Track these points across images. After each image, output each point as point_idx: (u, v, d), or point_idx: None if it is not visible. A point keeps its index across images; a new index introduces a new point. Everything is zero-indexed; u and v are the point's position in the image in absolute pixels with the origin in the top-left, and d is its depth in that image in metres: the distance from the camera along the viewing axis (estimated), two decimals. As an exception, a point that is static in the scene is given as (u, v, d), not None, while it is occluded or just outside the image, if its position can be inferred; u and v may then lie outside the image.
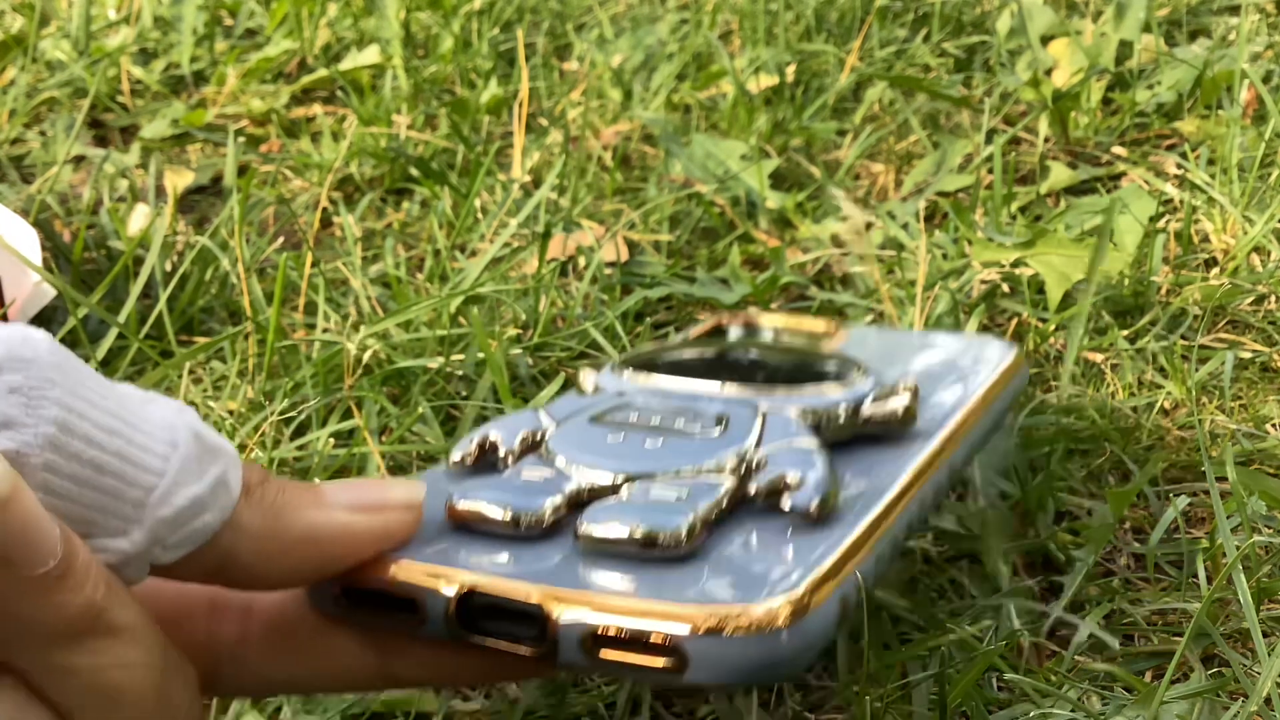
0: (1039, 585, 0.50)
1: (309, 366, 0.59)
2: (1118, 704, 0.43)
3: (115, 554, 0.28)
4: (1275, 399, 0.58)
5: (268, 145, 0.88)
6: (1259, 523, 0.50)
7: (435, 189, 0.78)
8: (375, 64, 0.94)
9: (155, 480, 0.28)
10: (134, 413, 0.28)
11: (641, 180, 0.82)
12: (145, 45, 1.00)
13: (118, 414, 0.28)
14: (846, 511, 0.35)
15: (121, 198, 0.80)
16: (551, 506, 0.34)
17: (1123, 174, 0.77)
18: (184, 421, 0.29)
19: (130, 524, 0.28)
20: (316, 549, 0.31)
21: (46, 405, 0.27)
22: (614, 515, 0.33)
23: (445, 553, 0.33)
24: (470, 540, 0.34)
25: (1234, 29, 0.89)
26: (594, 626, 0.31)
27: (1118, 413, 0.58)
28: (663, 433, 0.37)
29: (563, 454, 0.36)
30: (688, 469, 0.36)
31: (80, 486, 0.27)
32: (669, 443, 0.37)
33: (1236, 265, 0.66)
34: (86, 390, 0.27)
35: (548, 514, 0.34)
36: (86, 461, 0.27)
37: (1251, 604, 0.44)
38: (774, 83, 0.89)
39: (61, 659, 0.27)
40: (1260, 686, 0.41)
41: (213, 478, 0.29)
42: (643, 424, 0.38)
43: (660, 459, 0.36)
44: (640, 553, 0.32)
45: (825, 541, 0.34)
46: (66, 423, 0.27)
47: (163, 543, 0.28)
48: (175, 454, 0.28)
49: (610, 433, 0.37)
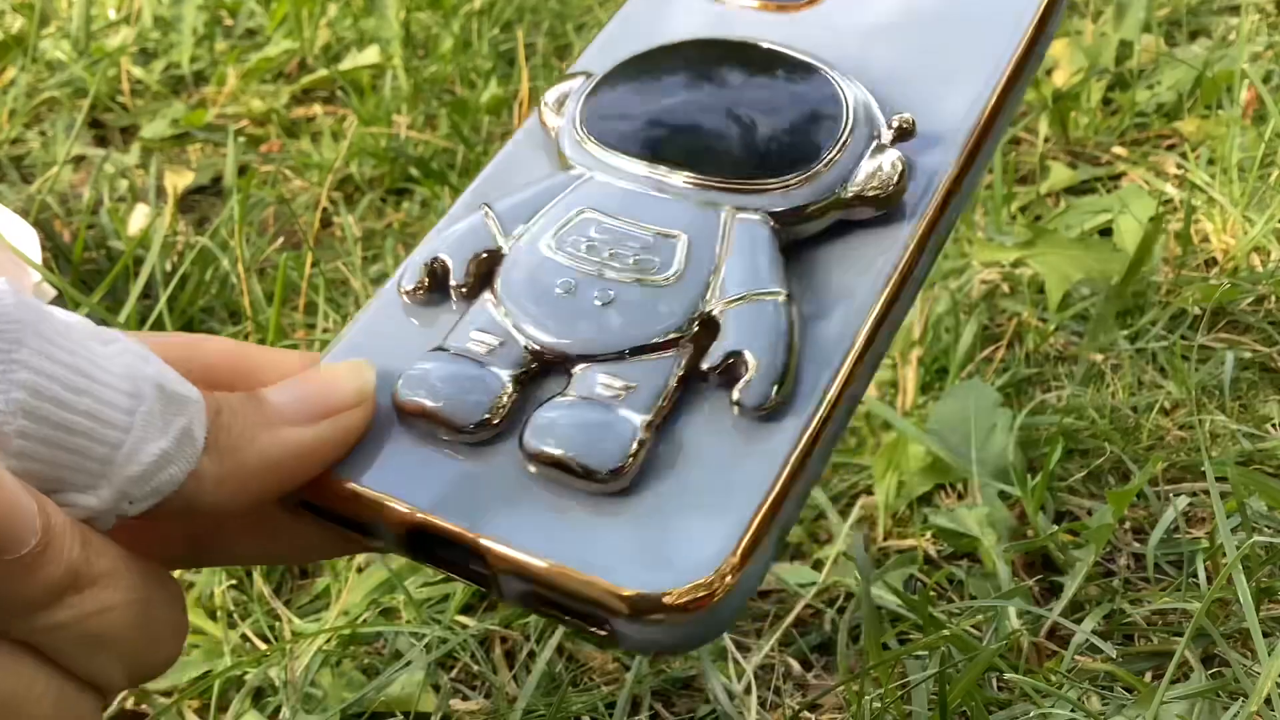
0: (1039, 585, 0.50)
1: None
2: (1118, 704, 0.43)
3: (83, 510, 0.28)
4: (1275, 399, 0.58)
5: (268, 145, 0.88)
6: (1259, 523, 0.50)
7: (435, 189, 0.78)
8: (375, 64, 0.94)
9: (121, 436, 0.28)
10: (98, 365, 0.28)
11: (641, 180, 0.82)
12: (145, 45, 1.00)
13: (84, 370, 0.28)
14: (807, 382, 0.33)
15: (121, 198, 0.80)
16: (498, 401, 0.33)
17: (1123, 174, 0.77)
18: (147, 372, 0.29)
19: (98, 479, 0.28)
20: (275, 476, 0.31)
21: (16, 369, 0.26)
22: (555, 430, 0.32)
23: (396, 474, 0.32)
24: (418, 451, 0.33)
25: (1234, 29, 0.89)
26: (528, 588, 0.31)
27: (1118, 413, 0.58)
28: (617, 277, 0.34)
29: (512, 302, 0.34)
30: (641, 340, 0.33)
31: (50, 448, 0.27)
32: (622, 301, 0.34)
33: (1236, 265, 0.66)
34: (53, 347, 0.27)
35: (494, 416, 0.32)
36: (56, 424, 0.27)
37: (1251, 604, 0.44)
38: (774, 83, 0.89)
39: (46, 620, 0.27)
40: (1260, 686, 0.41)
41: (178, 430, 0.29)
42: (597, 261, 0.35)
43: (612, 331, 0.33)
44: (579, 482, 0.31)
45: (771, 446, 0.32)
46: (36, 386, 0.27)
47: (130, 497, 0.28)
48: (140, 409, 0.28)
49: (561, 276, 0.35)
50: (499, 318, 0.34)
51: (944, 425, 0.56)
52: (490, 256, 0.36)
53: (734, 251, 0.35)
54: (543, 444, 0.32)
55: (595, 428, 0.32)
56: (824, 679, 0.47)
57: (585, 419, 0.32)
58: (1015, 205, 0.74)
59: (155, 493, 0.28)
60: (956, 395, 0.57)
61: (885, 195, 0.35)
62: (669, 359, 0.33)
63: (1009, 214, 0.73)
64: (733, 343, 0.33)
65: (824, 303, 0.34)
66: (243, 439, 0.30)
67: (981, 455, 0.54)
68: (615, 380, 0.33)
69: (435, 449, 0.33)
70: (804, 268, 0.35)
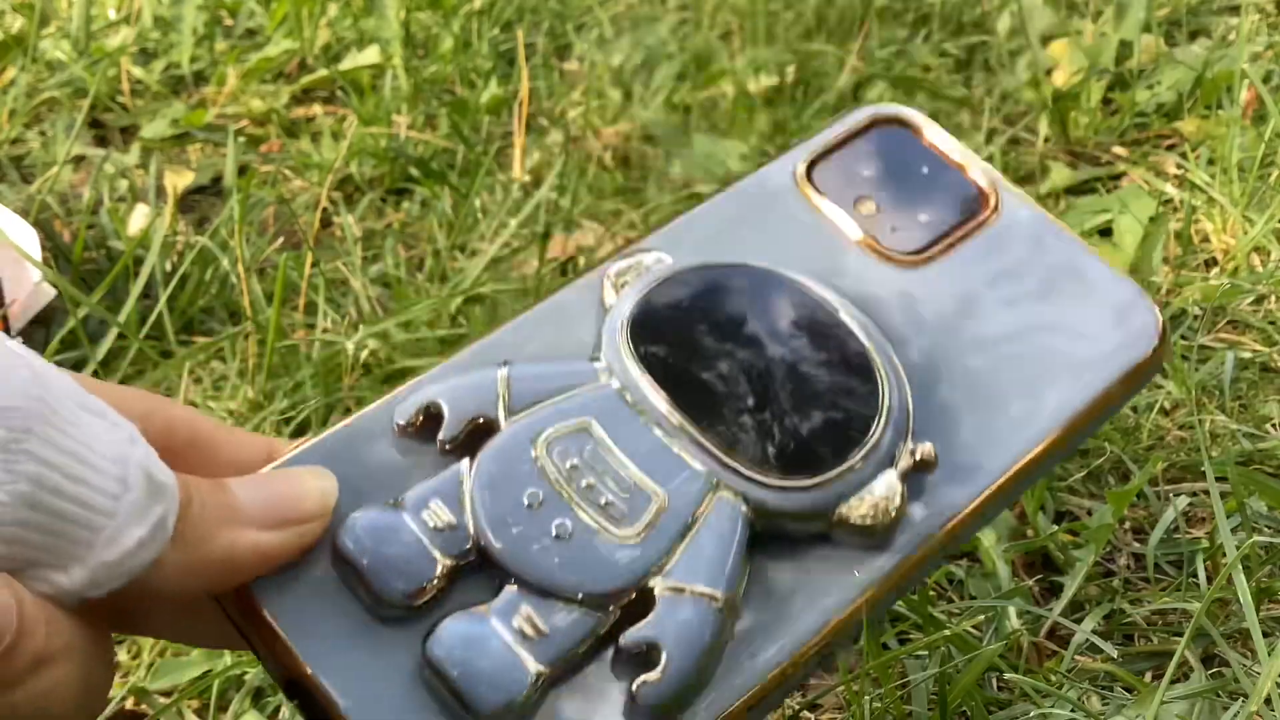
0: (1039, 585, 0.50)
1: (309, 366, 0.59)
2: (1118, 704, 0.43)
3: (53, 587, 0.28)
4: (1275, 399, 0.58)
5: (268, 145, 0.88)
6: (1259, 523, 0.50)
7: (435, 189, 0.78)
8: (375, 64, 0.94)
9: (106, 522, 0.28)
10: (94, 450, 0.28)
11: (641, 180, 0.82)
12: (145, 45, 1.00)
13: (83, 457, 0.28)
14: (719, 684, 0.32)
15: (121, 198, 0.80)
16: (419, 591, 0.33)
17: (1123, 174, 0.77)
18: (136, 457, 0.29)
19: (73, 562, 0.28)
20: (232, 572, 0.31)
21: (23, 460, 0.27)
22: (457, 653, 0.32)
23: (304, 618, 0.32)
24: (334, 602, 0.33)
25: (1234, 29, 0.89)
26: None
27: (1118, 413, 0.58)
28: (581, 513, 0.34)
29: (478, 495, 0.34)
30: (573, 591, 0.33)
31: (39, 533, 0.27)
32: (575, 542, 0.33)
33: (1236, 265, 0.66)
34: (58, 433, 0.28)
35: (415, 600, 0.33)
36: (51, 512, 0.27)
37: (1251, 604, 0.44)
38: (774, 83, 0.89)
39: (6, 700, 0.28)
40: (1260, 686, 0.41)
41: (155, 518, 0.29)
42: (573, 487, 0.34)
43: (553, 568, 0.33)
44: (458, 708, 0.31)
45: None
46: (40, 477, 0.27)
47: (98, 581, 0.28)
48: (126, 496, 0.28)
49: (532, 487, 0.34)
50: (461, 499, 0.34)
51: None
52: (486, 424, 0.35)
53: (699, 534, 0.34)
54: (442, 657, 0.31)
55: (494, 666, 0.31)
56: (824, 679, 0.47)
57: (488, 651, 0.32)
58: (1015, 205, 0.74)
59: (123, 576, 0.29)
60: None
61: (871, 529, 0.34)
62: (593, 619, 0.33)
63: (1009, 214, 0.73)
64: (655, 633, 0.32)
65: (769, 611, 0.33)
66: (209, 533, 0.30)
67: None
68: (536, 620, 0.32)
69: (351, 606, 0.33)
70: (768, 563, 0.34)
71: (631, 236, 0.74)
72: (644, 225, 0.75)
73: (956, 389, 0.36)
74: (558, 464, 0.34)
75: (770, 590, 0.34)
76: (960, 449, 0.35)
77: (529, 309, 0.38)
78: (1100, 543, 0.49)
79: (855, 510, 0.34)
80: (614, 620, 0.33)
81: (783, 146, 0.83)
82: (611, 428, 0.35)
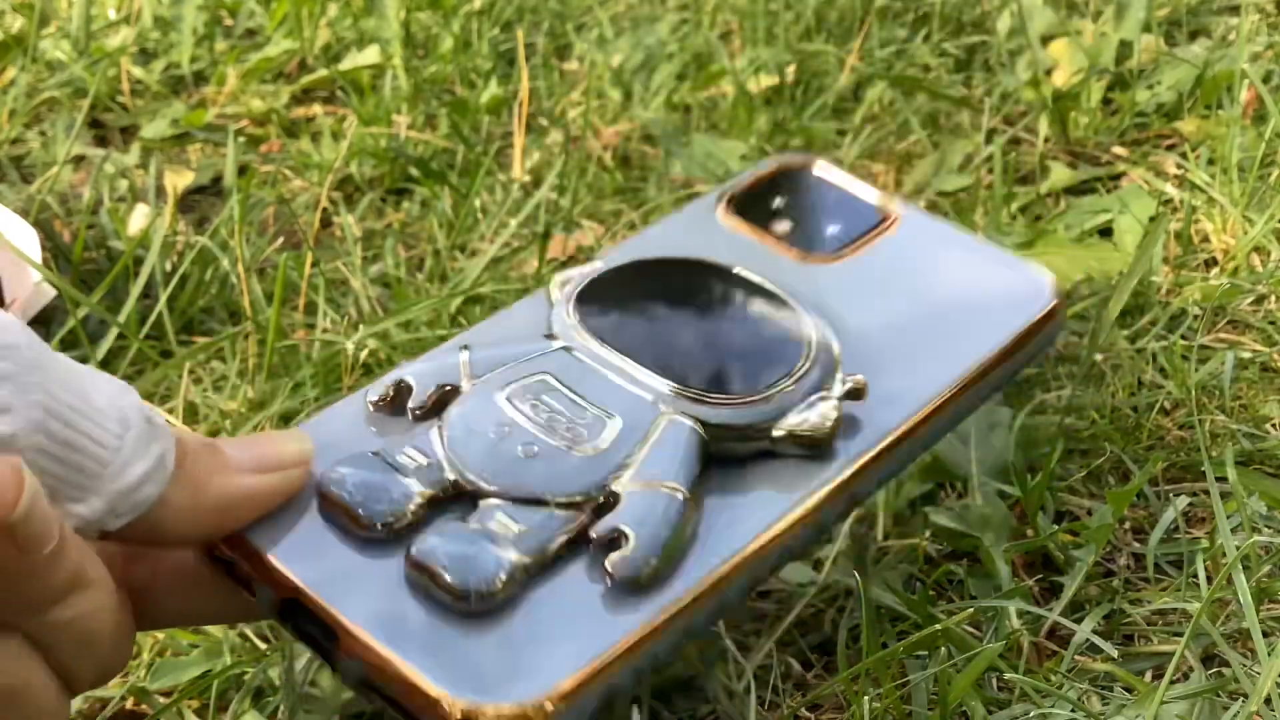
0: (1039, 585, 0.50)
1: (309, 366, 0.59)
2: (1118, 704, 0.43)
3: (76, 519, 0.32)
4: (1275, 399, 0.58)
5: (268, 145, 0.88)
6: (1259, 523, 0.50)
7: (435, 189, 0.78)
8: (375, 64, 0.94)
9: (112, 456, 0.32)
10: (91, 396, 0.32)
11: (641, 180, 0.82)
12: (145, 45, 1.00)
13: (82, 396, 0.32)
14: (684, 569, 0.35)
15: (121, 198, 0.80)
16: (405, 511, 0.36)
17: (1123, 174, 0.77)
18: (131, 403, 0.33)
19: (90, 493, 0.32)
20: (226, 514, 0.35)
21: (34, 390, 0.30)
22: (442, 549, 0.35)
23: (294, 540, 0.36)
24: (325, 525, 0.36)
25: (1234, 29, 0.89)
26: (366, 673, 0.34)
27: (1118, 413, 0.58)
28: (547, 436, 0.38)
29: (448, 437, 0.38)
30: (546, 495, 0.36)
31: (55, 463, 0.31)
32: (546, 457, 0.37)
33: (1236, 265, 0.66)
34: (58, 376, 0.31)
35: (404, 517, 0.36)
36: (62, 441, 0.31)
37: (1251, 604, 0.44)
38: (774, 83, 0.89)
39: (54, 616, 0.32)
40: (1260, 686, 0.41)
41: (156, 455, 0.33)
42: (537, 418, 0.39)
43: (526, 477, 0.37)
44: (450, 600, 0.34)
45: (627, 616, 0.34)
46: (50, 406, 0.30)
47: (115, 511, 0.32)
48: (128, 434, 0.32)
49: (500, 425, 0.38)
50: (435, 442, 0.38)
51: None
52: (451, 390, 0.40)
53: (655, 445, 0.38)
54: (424, 555, 0.35)
55: (473, 555, 0.35)
56: (824, 679, 0.47)
57: (468, 545, 0.35)
58: (1015, 205, 0.74)
59: (135, 508, 0.33)
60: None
61: (813, 440, 0.38)
62: (563, 518, 0.36)
63: (1009, 214, 0.73)
64: (621, 520, 0.36)
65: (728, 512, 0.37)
66: (204, 478, 0.34)
67: (981, 454, 0.54)
68: (511, 522, 0.36)
69: (337, 537, 0.36)
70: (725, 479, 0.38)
71: (630, 236, 0.74)
72: (644, 225, 0.75)
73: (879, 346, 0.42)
74: (520, 406, 0.39)
75: (728, 497, 0.38)
76: (887, 387, 0.40)
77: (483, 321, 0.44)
78: (1100, 543, 0.49)
79: (796, 424, 0.38)
80: (585, 523, 0.36)
81: (782, 146, 0.83)
82: (566, 378, 0.40)
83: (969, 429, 0.55)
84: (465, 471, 0.37)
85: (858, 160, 0.82)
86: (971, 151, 0.80)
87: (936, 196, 0.77)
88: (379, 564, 0.35)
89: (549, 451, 0.38)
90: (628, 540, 0.35)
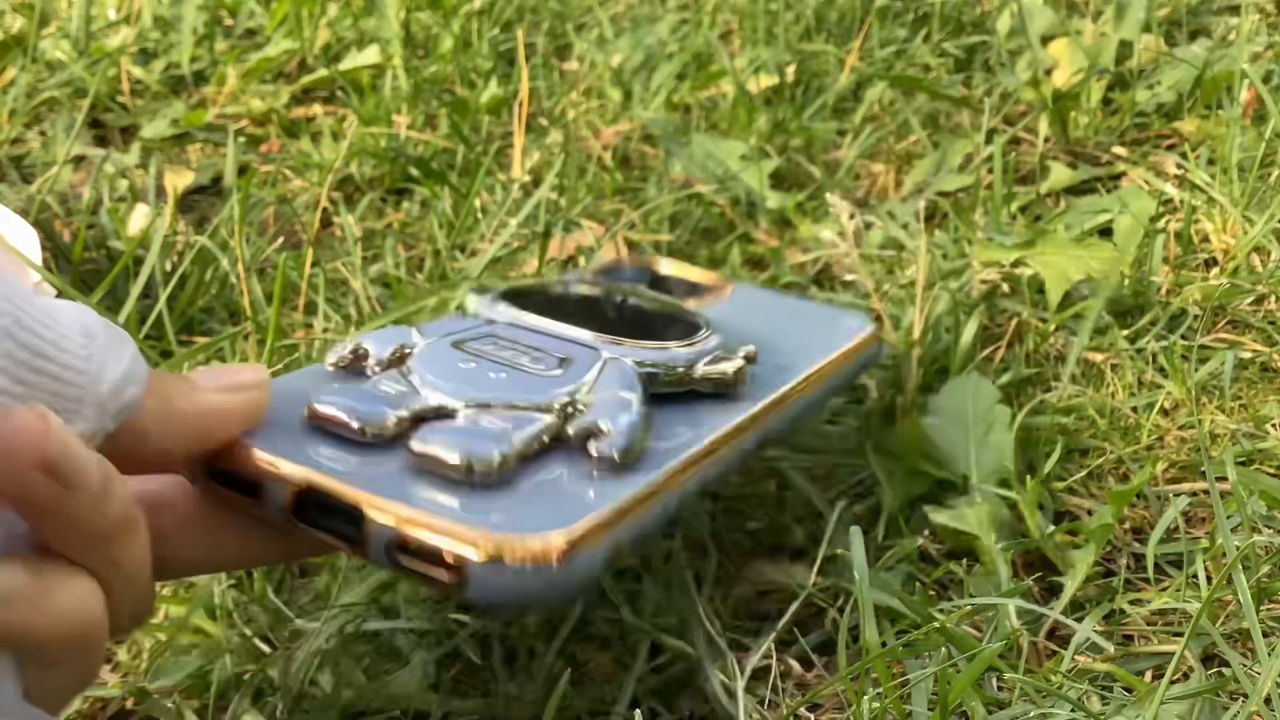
0: (1039, 585, 0.50)
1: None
2: (1118, 704, 0.43)
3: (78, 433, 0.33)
4: (1275, 399, 0.58)
5: (268, 145, 0.88)
6: (1259, 523, 0.50)
7: (435, 189, 0.78)
8: (375, 64, 0.94)
9: (85, 364, 0.33)
10: (55, 310, 0.33)
11: (641, 180, 0.82)
12: (145, 45, 1.00)
13: (48, 312, 0.33)
14: (651, 461, 0.40)
15: (121, 198, 0.80)
16: (395, 419, 0.39)
17: (1123, 174, 0.77)
18: (91, 317, 0.34)
19: (80, 405, 0.33)
20: (198, 424, 0.37)
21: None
22: (440, 437, 0.38)
23: (294, 448, 0.38)
24: (320, 440, 0.39)
25: (1234, 29, 0.89)
26: (397, 535, 0.36)
27: (1118, 413, 0.58)
28: (509, 367, 0.43)
29: (419, 372, 0.42)
30: (520, 402, 0.41)
31: (33, 374, 0.32)
32: (512, 377, 0.42)
33: (1236, 265, 0.66)
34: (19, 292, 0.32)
35: (390, 426, 0.39)
36: (34, 350, 0.32)
37: (1251, 604, 0.44)
38: (774, 83, 0.89)
39: (114, 553, 0.33)
40: (1260, 686, 0.41)
41: (129, 356, 0.34)
42: (495, 355, 0.43)
43: (499, 389, 0.41)
44: (456, 475, 0.37)
45: (616, 489, 0.38)
46: (16, 317, 0.31)
47: (106, 414, 0.33)
48: (94, 341, 0.33)
49: (465, 360, 0.43)
50: (407, 377, 0.42)
51: (943, 422, 0.56)
52: (408, 350, 0.43)
53: (605, 374, 0.43)
54: (423, 444, 0.38)
55: (469, 438, 0.38)
56: (824, 678, 0.47)
57: (463, 433, 0.39)
58: (1015, 205, 0.74)
59: (123, 409, 0.34)
60: (955, 391, 0.57)
61: (725, 382, 0.46)
62: (540, 419, 0.40)
63: (1009, 214, 0.73)
64: (596, 414, 0.40)
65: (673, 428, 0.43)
66: (174, 392, 0.37)
67: (980, 453, 0.54)
68: (496, 420, 0.39)
69: (334, 444, 0.39)
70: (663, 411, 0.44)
71: (631, 236, 0.74)
72: (644, 225, 0.75)
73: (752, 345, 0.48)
74: (478, 349, 0.44)
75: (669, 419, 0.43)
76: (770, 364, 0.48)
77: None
78: (1100, 542, 0.49)
79: (711, 370, 0.46)
80: (559, 424, 0.40)
81: (782, 146, 0.83)
82: (510, 334, 0.46)
83: (968, 426, 0.55)
84: (442, 393, 0.40)
85: (858, 160, 0.82)
86: (971, 151, 0.80)
87: (936, 196, 0.77)
88: (381, 459, 0.38)
89: (515, 374, 0.42)
90: (605, 431, 0.40)
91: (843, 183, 0.80)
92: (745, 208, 0.77)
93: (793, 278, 0.69)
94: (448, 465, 0.37)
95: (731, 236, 0.74)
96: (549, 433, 0.40)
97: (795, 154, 0.83)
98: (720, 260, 0.72)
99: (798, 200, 0.76)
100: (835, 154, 0.84)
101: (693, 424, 0.44)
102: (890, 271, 0.70)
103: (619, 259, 0.62)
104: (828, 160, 0.83)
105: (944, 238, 0.72)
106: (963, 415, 0.56)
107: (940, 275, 0.66)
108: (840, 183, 0.80)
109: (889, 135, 0.84)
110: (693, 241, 0.75)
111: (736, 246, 0.72)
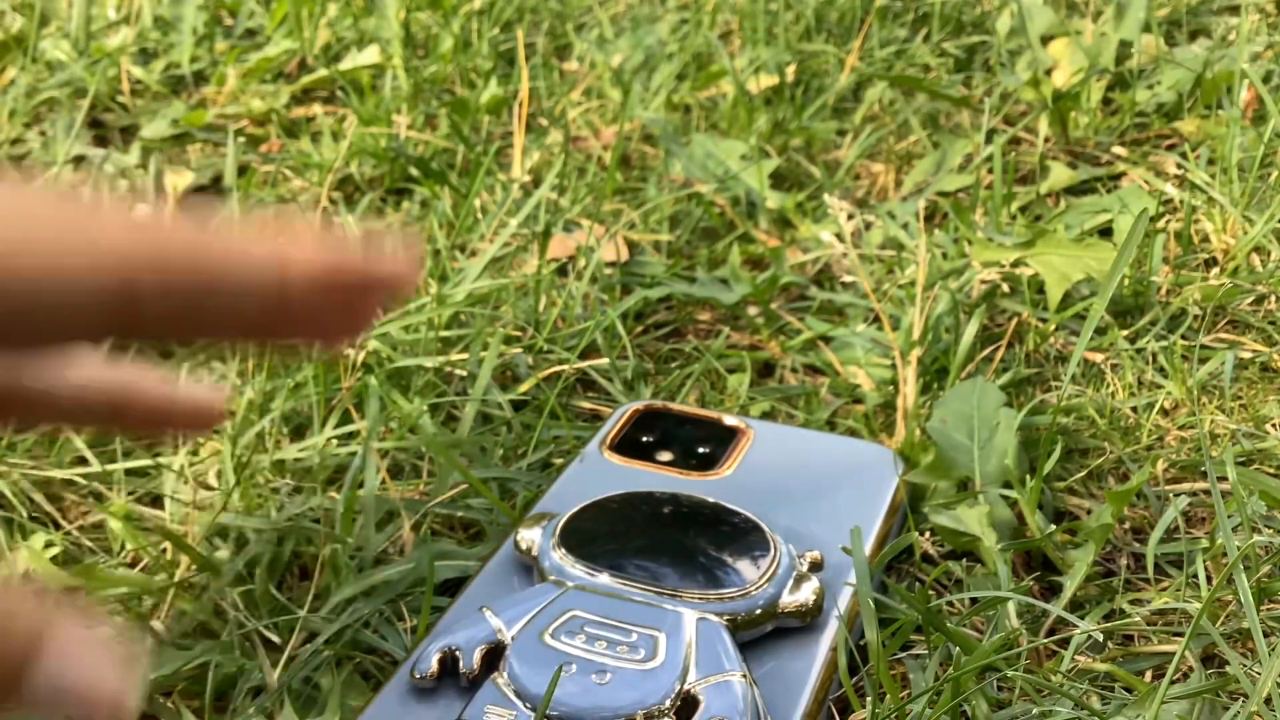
0: (1038, 585, 0.50)
1: (309, 366, 0.59)
2: (1118, 704, 0.43)
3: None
4: (1275, 399, 0.58)
5: (268, 145, 0.88)
6: (1259, 523, 0.50)
7: (435, 189, 0.78)
8: (375, 64, 0.94)
9: None
10: None
11: (641, 180, 0.82)
12: (145, 45, 1.00)
13: None
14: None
15: (121, 198, 0.80)
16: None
17: (1123, 174, 0.77)
18: None
19: None
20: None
21: None
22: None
23: None
24: None
25: (1234, 29, 0.89)
26: None
27: (1118, 413, 0.58)
28: (609, 659, 0.42)
29: (521, 687, 0.41)
30: (638, 714, 0.40)
31: None
32: (617, 678, 0.41)
33: (1236, 265, 0.66)
34: None
35: None
36: None
37: (1252, 604, 0.44)
38: (774, 83, 0.89)
39: None
40: (1260, 686, 0.41)
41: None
42: (590, 651, 0.42)
43: (612, 700, 0.40)
44: None
45: None
46: None
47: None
48: None
49: (562, 659, 0.41)
50: (509, 695, 0.41)
51: (947, 424, 0.56)
52: (494, 648, 0.42)
53: (701, 644, 0.42)
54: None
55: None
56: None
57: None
58: (1015, 205, 0.74)
59: None
60: (960, 394, 0.57)
61: (810, 612, 0.44)
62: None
63: (1009, 214, 0.73)
64: (714, 710, 0.40)
65: (772, 683, 0.42)
66: None
67: (982, 454, 0.54)
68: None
69: None
70: (754, 659, 0.43)
71: (631, 236, 0.74)
72: (644, 225, 0.75)
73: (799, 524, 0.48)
74: (570, 641, 0.42)
75: (767, 671, 0.43)
76: (827, 560, 0.47)
77: (467, 586, 0.47)
78: (1099, 542, 0.49)
79: (794, 602, 0.44)
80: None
81: (782, 146, 0.83)
82: (593, 609, 0.44)
83: (972, 428, 0.55)
84: (554, 707, 0.40)
85: (858, 160, 0.82)
86: (971, 151, 0.80)
87: (936, 196, 0.77)
88: None
89: (620, 674, 0.41)
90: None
91: (843, 183, 0.80)
92: (745, 208, 0.77)
93: (793, 278, 0.69)
94: None
95: (731, 236, 0.74)
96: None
97: (795, 154, 0.83)
98: (720, 260, 0.72)
99: (798, 200, 0.76)
100: (835, 154, 0.84)
101: (789, 668, 0.43)
102: (890, 271, 0.70)
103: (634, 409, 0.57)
104: (828, 160, 0.83)
105: (944, 238, 0.72)
106: (967, 415, 0.55)
107: (940, 275, 0.66)
108: (840, 183, 0.80)
109: (889, 135, 0.84)
110: (693, 241, 0.75)
111: (736, 246, 0.72)
